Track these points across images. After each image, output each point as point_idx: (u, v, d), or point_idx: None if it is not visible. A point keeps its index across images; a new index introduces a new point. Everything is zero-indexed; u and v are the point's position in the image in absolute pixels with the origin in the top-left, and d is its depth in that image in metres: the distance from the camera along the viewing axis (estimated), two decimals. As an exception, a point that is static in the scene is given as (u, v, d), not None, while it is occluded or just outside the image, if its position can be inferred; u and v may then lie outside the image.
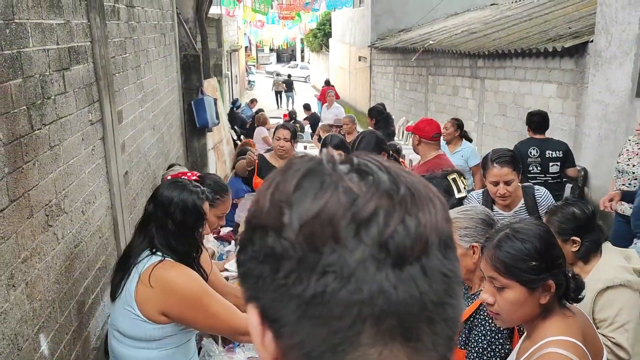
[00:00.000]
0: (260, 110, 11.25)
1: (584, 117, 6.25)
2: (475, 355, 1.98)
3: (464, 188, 2.97)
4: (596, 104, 6.01)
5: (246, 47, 32.20)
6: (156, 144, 5.18)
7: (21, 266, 2.20)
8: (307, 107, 13.46)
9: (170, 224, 2.11)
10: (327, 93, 11.51)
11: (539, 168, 4.92)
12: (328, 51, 27.19)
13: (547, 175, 4.90)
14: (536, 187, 3.23)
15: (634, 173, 4.41)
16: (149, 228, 2.14)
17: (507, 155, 3.11)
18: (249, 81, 32.03)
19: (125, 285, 2.09)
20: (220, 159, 8.99)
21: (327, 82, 20.66)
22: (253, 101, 16.51)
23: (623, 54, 5.59)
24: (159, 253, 2.11)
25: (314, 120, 12.47)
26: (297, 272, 0.48)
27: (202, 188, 2.20)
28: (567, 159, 4.96)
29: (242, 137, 11.88)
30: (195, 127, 7.26)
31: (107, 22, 3.59)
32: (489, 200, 3.16)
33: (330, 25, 26.09)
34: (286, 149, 4.36)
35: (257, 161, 4.28)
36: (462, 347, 2.05)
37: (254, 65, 40.67)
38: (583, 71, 6.33)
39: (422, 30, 14.62)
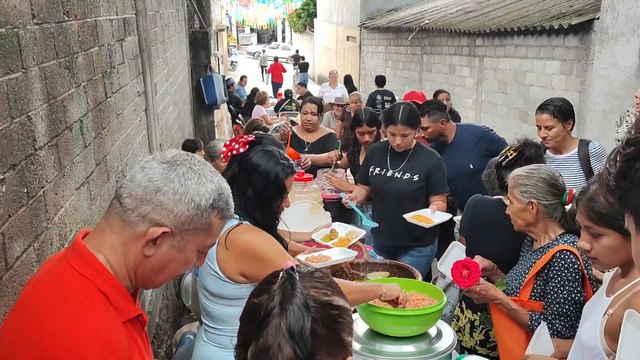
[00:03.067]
0: (257, 89, 11.26)
1: (589, 92, 6.41)
2: (556, 305, 2.12)
3: None
4: (602, 79, 6.17)
5: (227, 28, 31.82)
6: (177, 118, 5.21)
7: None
8: (302, 84, 13.51)
9: (250, 191, 2.14)
10: (330, 73, 11.80)
11: (385, 105, 8.95)
12: (312, 31, 27.05)
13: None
14: (592, 141, 3.44)
15: None
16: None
17: (551, 104, 3.30)
18: (232, 62, 31.75)
19: None
20: (221, 136, 9.01)
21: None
22: (243, 78, 16.44)
23: (630, 31, 5.74)
24: (236, 216, 2.16)
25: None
26: None
27: (290, 162, 2.22)
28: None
29: (239, 115, 11.85)
30: (202, 104, 7.27)
31: (144, -6, 3.61)
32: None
33: (314, 5, 25.93)
34: (313, 122, 4.44)
35: (290, 132, 4.35)
36: (539, 299, 2.18)
37: (234, 46, 40.13)
38: (588, 48, 6.48)
39: (412, 10, 14.64)
